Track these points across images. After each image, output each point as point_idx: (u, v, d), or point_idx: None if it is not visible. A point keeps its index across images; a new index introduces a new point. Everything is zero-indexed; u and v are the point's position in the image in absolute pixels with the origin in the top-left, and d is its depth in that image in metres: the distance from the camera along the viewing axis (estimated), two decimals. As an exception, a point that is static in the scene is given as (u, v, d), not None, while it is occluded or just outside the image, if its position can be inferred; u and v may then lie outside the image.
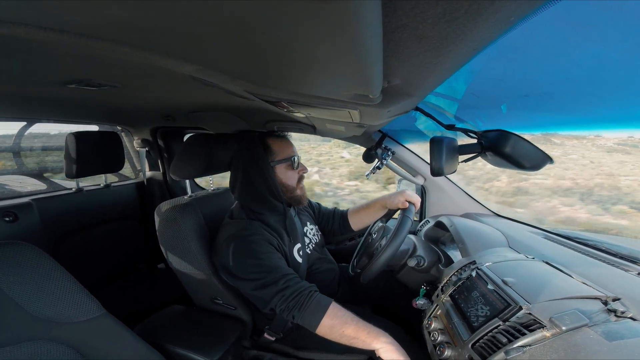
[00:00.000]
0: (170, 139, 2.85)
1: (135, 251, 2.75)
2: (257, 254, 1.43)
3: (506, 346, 0.92)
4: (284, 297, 1.36)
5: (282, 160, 1.63)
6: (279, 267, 1.42)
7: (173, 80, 1.03)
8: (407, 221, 1.45)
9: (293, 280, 1.40)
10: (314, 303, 1.34)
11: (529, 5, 0.38)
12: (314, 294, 1.37)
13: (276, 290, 1.37)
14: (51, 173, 2.65)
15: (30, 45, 0.64)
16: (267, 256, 1.43)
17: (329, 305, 1.34)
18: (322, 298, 1.37)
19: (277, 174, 1.62)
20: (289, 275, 1.41)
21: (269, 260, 1.43)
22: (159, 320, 1.69)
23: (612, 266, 1.24)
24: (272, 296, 1.38)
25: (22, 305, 1.00)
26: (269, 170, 1.58)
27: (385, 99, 0.77)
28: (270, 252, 1.46)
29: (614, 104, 1.28)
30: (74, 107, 1.78)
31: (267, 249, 1.46)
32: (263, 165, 1.57)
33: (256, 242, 1.45)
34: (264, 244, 1.47)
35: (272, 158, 1.62)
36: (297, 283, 1.39)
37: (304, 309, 1.34)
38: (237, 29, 0.39)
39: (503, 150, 1.26)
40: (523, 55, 1.14)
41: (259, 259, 1.42)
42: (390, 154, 1.95)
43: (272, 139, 1.68)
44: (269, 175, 1.57)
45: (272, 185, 1.57)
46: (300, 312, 1.34)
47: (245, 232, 1.48)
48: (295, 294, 1.36)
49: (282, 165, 1.63)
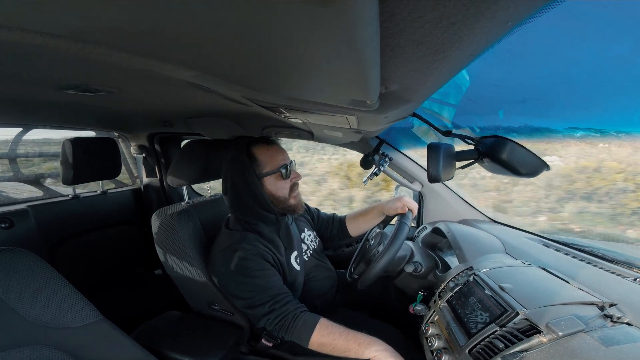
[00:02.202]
0: (168, 145, 2.84)
1: (132, 257, 2.74)
2: (248, 271, 1.41)
3: (503, 352, 0.92)
4: (269, 320, 1.38)
5: (270, 171, 1.54)
6: (268, 287, 1.41)
7: (170, 86, 1.03)
8: (405, 227, 1.45)
9: (280, 302, 1.39)
10: (300, 324, 1.35)
11: (526, 10, 0.39)
12: (299, 315, 1.37)
13: (263, 313, 1.38)
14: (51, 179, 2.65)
15: (26, 50, 0.64)
16: (259, 274, 1.42)
17: (315, 325, 1.34)
18: (308, 318, 1.36)
19: (266, 186, 1.55)
20: (277, 297, 1.40)
21: (260, 279, 1.41)
22: (156, 325, 1.68)
23: (608, 272, 1.24)
24: (260, 318, 1.40)
25: (18, 311, 1.00)
26: (256, 182, 1.51)
27: (382, 105, 0.77)
28: (262, 270, 1.44)
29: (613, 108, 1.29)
30: (70, 113, 1.78)
31: (259, 265, 1.44)
32: (250, 178, 1.50)
33: (249, 259, 1.43)
34: (258, 260, 1.44)
35: (259, 170, 1.53)
36: (283, 305, 1.38)
37: (290, 331, 1.35)
38: (234, 34, 0.40)
39: (500, 157, 1.27)
40: (520, 60, 1.15)
41: (250, 277, 1.41)
42: (387, 160, 1.96)
43: (259, 147, 1.57)
44: (256, 189, 1.51)
45: (261, 198, 1.52)
46: (288, 333, 1.35)
47: (239, 247, 1.46)
48: (280, 317, 1.36)
49: (271, 177, 1.55)
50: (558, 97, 1.33)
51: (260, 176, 1.53)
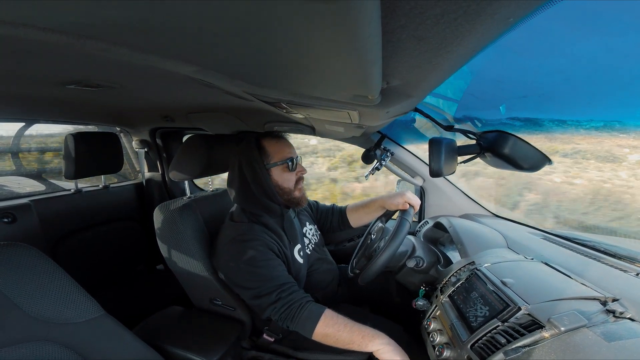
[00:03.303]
0: (169, 140, 2.84)
1: (134, 252, 2.75)
2: (254, 261, 1.42)
3: (505, 347, 0.92)
4: (276, 309, 1.39)
5: (277, 162, 1.59)
6: (274, 277, 1.42)
7: (172, 81, 1.03)
8: (405, 224, 1.44)
9: (287, 291, 1.40)
10: (306, 314, 1.36)
11: (528, 6, 0.38)
12: (305, 305, 1.38)
13: (269, 302, 1.39)
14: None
15: (29, 46, 0.64)
16: (265, 264, 1.43)
17: (320, 315, 1.35)
18: (314, 308, 1.38)
19: (273, 176, 1.59)
20: (284, 286, 1.41)
21: (266, 269, 1.43)
22: (158, 321, 1.68)
23: (610, 267, 1.24)
24: (266, 307, 1.41)
25: (21, 306, 1.00)
26: (264, 172, 1.56)
27: (384, 100, 0.77)
28: (268, 259, 1.45)
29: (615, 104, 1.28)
30: (72, 108, 1.78)
31: (265, 255, 1.45)
32: (258, 167, 1.55)
33: (255, 248, 1.45)
34: (264, 251, 1.46)
35: (267, 160, 1.58)
36: (289, 295, 1.40)
37: (296, 320, 1.36)
38: (236, 30, 0.39)
39: (502, 151, 1.27)
40: (522, 55, 1.14)
41: (256, 267, 1.42)
42: (389, 155, 1.95)
43: (268, 140, 1.63)
44: (264, 178, 1.55)
45: (268, 188, 1.55)
46: (293, 322, 1.37)
47: (245, 237, 1.47)
48: (287, 306, 1.38)
49: (277, 168, 1.59)
50: (560, 92, 1.33)
51: (268, 166, 1.57)
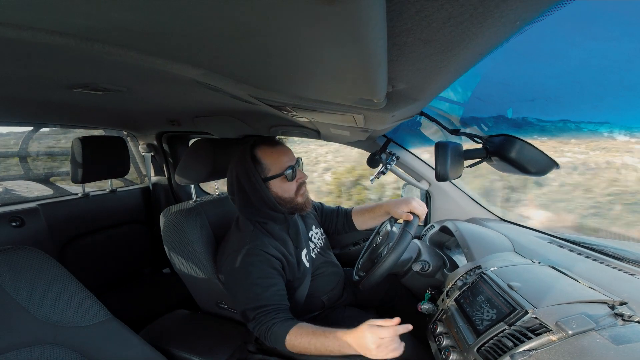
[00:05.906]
0: (176, 144, 2.85)
1: (140, 256, 2.76)
2: (250, 277, 1.42)
3: (512, 350, 0.91)
4: (252, 326, 1.41)
5: (275, 175, 1.52)
6: (263, 297, 1.40)
7: (178, 85, 1.03)
8: (406, 237, 1.41)
9: (264, 313, 1.39)
10: (272, 339, 1.35)
11: (536, 9, 0.38)
12: (270, 329, 1.36)
13: (249, 319, 1.41)
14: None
15: (36, 49, 0.65)
16: (260, 282, 1.42)
17: (285, 337, 1.32)
18: (278, 332, 1.34)
19: (272, 188, 1.54)
20: (267, 307, 1.39)
21: (260, 287, 1.41)
22: (164, 324, 1.69)
23: (618, 270, 1.23)
24: (248, 322, 1.42)
25: (29, 310, 1.01)
26: (262, 186, 1.51)
27: (389, 104, 0.77)
28: (265, 277, 1.44)
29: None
30: (79, 112, 1.80)
31: (263, 273, 1.44)
32: (255, 181, 1.50)
33: (254, 265, 1.44)
34: (262, 268, 1.44)
35: (264, 173, 1.52)
36: (265, 315, 1.38)
37: (268, 341, 1.37)
38: (242, 33, 0.40)
39: (508, 155, 1.26)
40: (529, 59, 1.14)
41: (251, 284, 1.41)
42: (394, 159, 1.95)
43: (263, 150, 1.55)
44: (262, 191, 1.51)
45: (268, 200, 1.52)
46: (267, 342, 1.38)
47: (247, 251, 1.46)
48: (258, 327, 1.38)
49: (276, 180, 1.53)
50: (567, 95, 1.32)
51: (266, 179, 1.52)
